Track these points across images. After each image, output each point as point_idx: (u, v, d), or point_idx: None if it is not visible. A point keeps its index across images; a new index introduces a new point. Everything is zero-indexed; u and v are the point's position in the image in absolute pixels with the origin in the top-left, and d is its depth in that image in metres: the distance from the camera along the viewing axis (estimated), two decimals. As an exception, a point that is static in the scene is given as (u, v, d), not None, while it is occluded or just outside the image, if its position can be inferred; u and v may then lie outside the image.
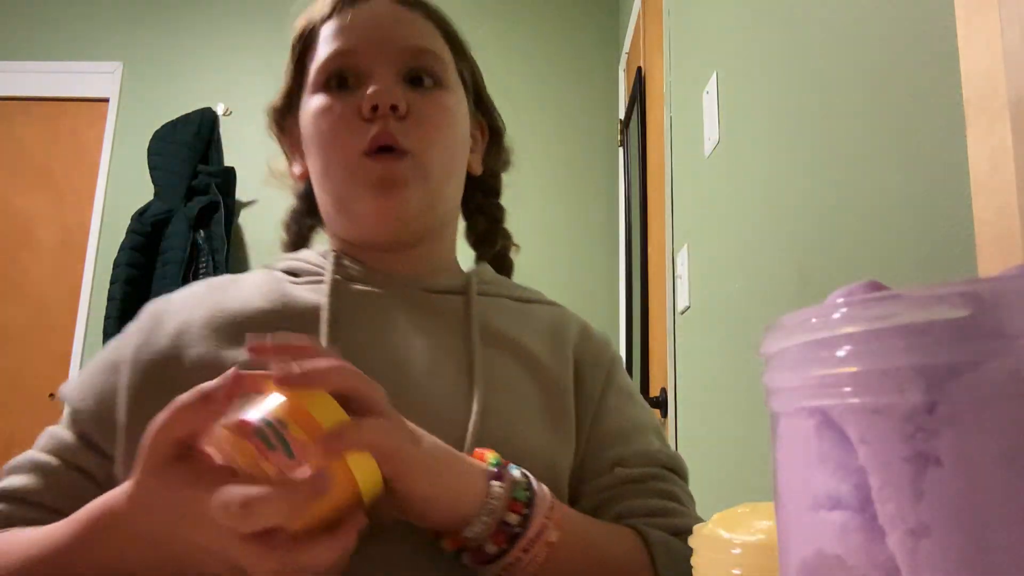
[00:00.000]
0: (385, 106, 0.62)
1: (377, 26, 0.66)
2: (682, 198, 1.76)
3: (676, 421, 1.77)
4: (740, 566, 0.44)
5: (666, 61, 1.98)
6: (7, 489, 0.58)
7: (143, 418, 0.46)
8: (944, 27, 0.62)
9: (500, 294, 0.70)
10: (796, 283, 0.98)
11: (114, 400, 0.59)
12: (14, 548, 0.51)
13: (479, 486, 0.49)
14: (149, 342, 0.61)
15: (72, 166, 3.44)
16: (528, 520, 0.49)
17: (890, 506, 0.26)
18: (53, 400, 3.22)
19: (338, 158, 0.63)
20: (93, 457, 0.59)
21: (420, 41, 0.66)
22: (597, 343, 0.71)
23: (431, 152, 0.64)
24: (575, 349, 0.68)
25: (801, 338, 0.30)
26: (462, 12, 0.68)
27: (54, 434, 0.61)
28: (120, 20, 3.52)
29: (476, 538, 0.49)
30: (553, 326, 0.69)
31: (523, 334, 0.66)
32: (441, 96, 0.66)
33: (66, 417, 0.62)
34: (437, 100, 0.66)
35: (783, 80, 1.05)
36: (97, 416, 0.59)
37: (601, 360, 0.69)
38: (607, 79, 3.38)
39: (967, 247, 0.58)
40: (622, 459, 0.63)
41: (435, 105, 0.65)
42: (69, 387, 0.62)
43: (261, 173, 0.82)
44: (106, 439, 0.58)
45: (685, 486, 0.67)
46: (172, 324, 0.61)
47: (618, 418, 0.66)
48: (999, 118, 0.52)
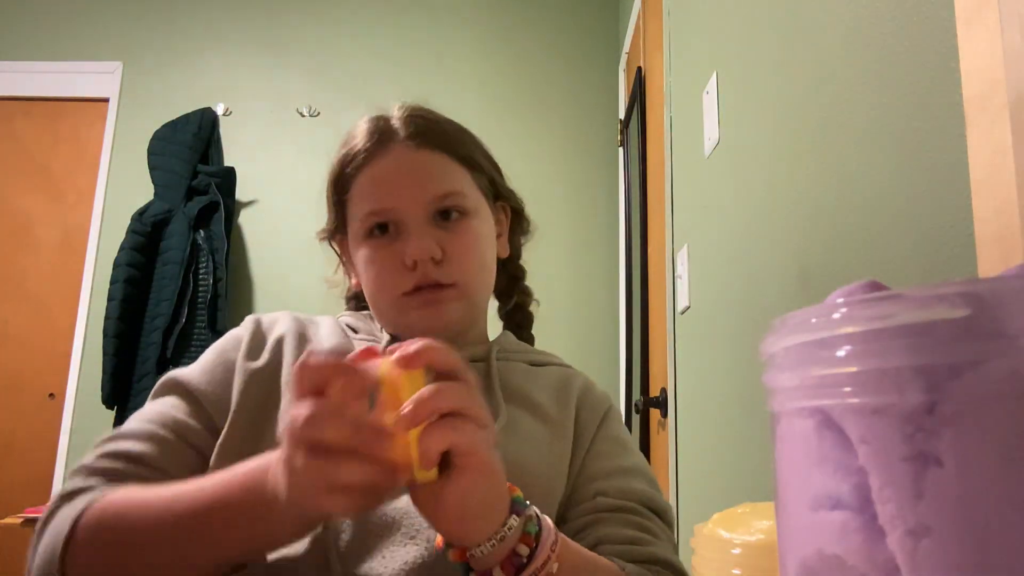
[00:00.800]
0: (424, 260, 0.72)
1: (405, 179, 0.75)
2: (682, 198, 1.76)
3: (676, 421, 1.77)
4: (740, 566, 0.44)
5: (666, 61, 1.98)
6: (125, 451, 0.66)
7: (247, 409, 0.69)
8: (944, 27, 0.62)
9: (517, 359, 0.82)
10: (796, 283, 0.98)
11: (230, 391, 0.71)
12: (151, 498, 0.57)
13: (502, 513, 0.52)
14: (253, 349, 0.75)
15: (72, 166, 3.44)
16: (535, 552, 0.53)
17: (890, 506, 0.26)
18: (53, 400, 3.23)
19: (386, 298, 0.75)
20: (207, 438, 0.69)
21: (443, 187, 0.76)
22: (596, 396, 0.82)
23: (468, 277, 0.75)
24: (577, 400, 0.80)
25: (801, 338, 0.30)
26: (463, 12, 0.68)
27: (163, 412, 0.70)
28: (120, 20, 3.52)
29: (481, 559, 0.52)
30: (560, 382, 0.81)
31: (533, 389, 0.78)
32: (469, 224, 0.77)
33: (177, 400, 0.71)
34: (466, 230, 0.76)
35: (783, 80, 1.05)
36: (218, 402, 0.70)
37: (597, 410, 0.80)
38: (607, 79, 3.38)
39: (967, 247, 0.58)
40: (604, 491, 0.72)
41: (465, 236, 0.76)
42: (188, 373, 0.73)
43: (261, 173, 0.88)
44: (221, 422, 0.69)
45: (664, 526, 0.73)
46: (272, 337, 0.76)
47: (605, 461, 0.76)
48: (999, 118, 0.52)
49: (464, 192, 0.77)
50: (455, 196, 0.76)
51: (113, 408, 2.96)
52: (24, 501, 2.97)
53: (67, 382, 3.22)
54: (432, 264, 0.73)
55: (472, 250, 0.76)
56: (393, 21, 3.46)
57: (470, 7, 3.50)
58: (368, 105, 0.82)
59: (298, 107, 3.38)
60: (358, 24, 3.47)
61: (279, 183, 3.29)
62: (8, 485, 3.12)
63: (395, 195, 0.75)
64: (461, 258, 0.74)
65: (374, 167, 0.76)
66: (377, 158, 0.77)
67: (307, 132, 3.35)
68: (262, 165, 3.30)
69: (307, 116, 3.38)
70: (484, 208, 0.80)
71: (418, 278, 0.73)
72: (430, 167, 0.76)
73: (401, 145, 0.77)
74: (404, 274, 0.73)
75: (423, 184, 0.75)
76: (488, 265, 0.79)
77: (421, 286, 0.73)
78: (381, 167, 0.76)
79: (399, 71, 3.38)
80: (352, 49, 3.44)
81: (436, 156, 0.77)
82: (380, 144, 0.77)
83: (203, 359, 0.75)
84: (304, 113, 3.38)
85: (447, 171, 0.77)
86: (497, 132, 3.37)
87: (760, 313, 1.13)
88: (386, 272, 0.74)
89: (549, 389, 0.79)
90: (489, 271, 0.80)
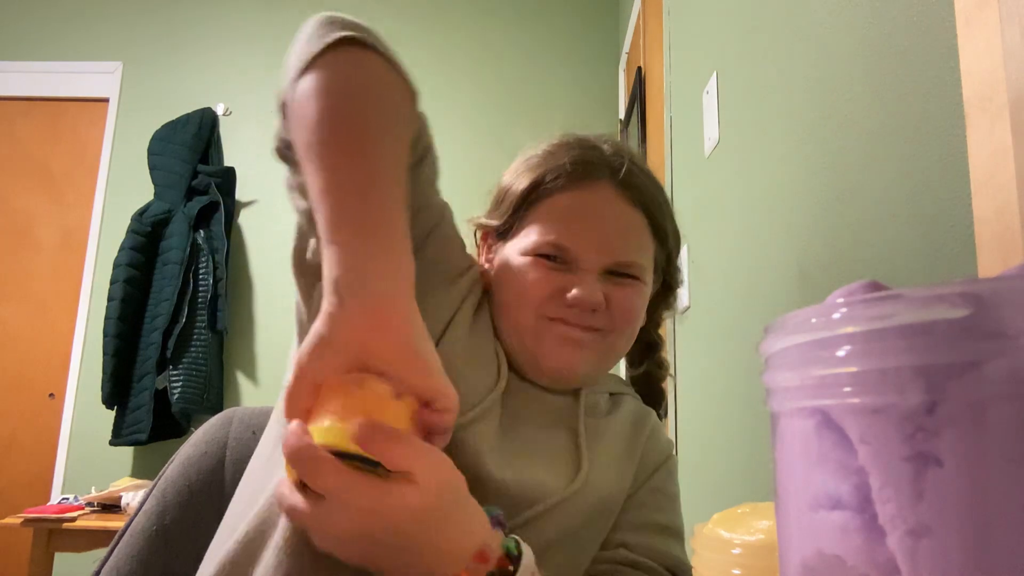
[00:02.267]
0: (587, 309, 0.70)
1: (601, 229, 0.72)
2: (682, 198, 1.76)
3: (676, 421, 1.77)
4: (740, 566, 0.44)
5: (666, 61, 1.98)
6: None
7: None
8: (944, 27, 0.62)
9: (601, 391, 0.79)
10: (796, 283, 0.98)
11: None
12: None
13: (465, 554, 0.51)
14: None
15: (72, 166, 3.44)
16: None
17: (890, 506, 0.26)
18: (53, 400, 3.22)
19: (530, 311, 0.71)
20: None
21: (631, 255, 0.72)
22: (660, 444, 0.80)
23: (616, 334, 0.72)
24: (645, 445, 0.78)
25: (801, 338, 0.30)
26: (463, 12, 0.68)
27: None
28: (120, 20, 3.52)
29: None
30: (634, 422, 0.79)
31: (611, 423, 0.76)
32: (638, 290, 0.73)
33: None
34: (633, 294, 0.73)
35: (783, 80, 1.05)
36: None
37: (656, 460, 0.78)
38: (607, 79, 3.38)
39: (967, 247, 0.58)
40: (628, 544, 0.70)
41: (631, 298, 0.73)
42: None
43: (261, 173, 0.84)
44: None
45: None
46: None
47: (643, 512, 0.74)
48: (999, 118, 0.52)
49: (644, 265, 0.74)
50: (636, 268, 0.73)
51: (113, 408, 2.96)
52: (24, 501, 2.97)
53: (67, 382, 3.22)
54: (589, 312, 0.70)
55: (631, 313, 0.73)
56: (393, 20, 3.46)
57: (470, 7, 3.50)
58: None
59: (298, 107, 3.38)
60: (358, 24, 3.47)
61: (279, 183, 3.28)
62: (8, 485, 3.12)
63: (585, 239, 0.71)
64: (618, 314, 0.71)
65: (575, 197, 0.72)
66: (581, 188, 0.73)
67: (307, 132, 3.35)
68: (262, 165, 3.30)
69: (307, 116, 3.38)
70: (650, 278, 0.77)
71: (571, 315, 0.70)
72: (629, 229, 0.73)
73: (608, 185, 0.73)
74: (561, 303, 0.70)
75: (615, 243, 0.72)
76: (634, 334, 0.76)
77: (570, 321, 0.70)
78: (583, 202, 0.72)
79: (399, 71, 3.37)
80: (352, 49, 3.44)
81: (637, 217, 0.73)
82: (588, 174, 0.73)
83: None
84: (304, 113, 3.38)
85: (641, 239, 0.74)
86: (497, 131, 3.37)
87: (760, 313, 1.13)
88: (544, 290, 0.70)
89: (625, 428, 0.77)
90: (632, 340, 0.76)
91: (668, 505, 0.76)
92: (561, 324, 0.70)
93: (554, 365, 0.70)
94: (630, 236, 0.73)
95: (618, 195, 0.73)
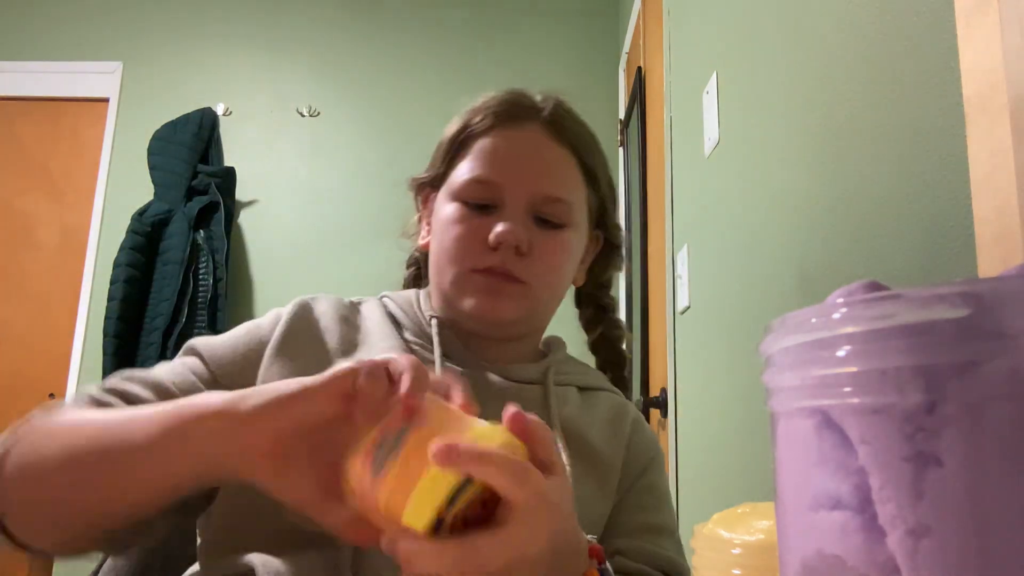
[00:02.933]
0: (509, 246, 0.69)
1: (522, 164, 0.71)
2: (682, 198, 1.76)
3: (676, 421, 1.77)
4: (740, 566, 0.44)
5: (666, 61, 1.98)
6: (122, 391, 0.63)
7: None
8: (944, 27, 0.62)
9: (570, 383, 0.77)
10: (796, 283, 0.98)
11: (256, 368, 0.67)
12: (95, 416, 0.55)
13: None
14: (289, 337, 0.69)
15: (72, 166, 3.44)
16: None
17: (890, 506, 0.26)
18: (53, 400, 3.22)
19: (455, 267, 0.71)
20: None
21: (556, 190, 0.71)
22: (645, 439, 0.78)
23: (541, 284, 0.71)
24: (628, 440, 0.76)
25: (801, 338, 0.30)
26: (463, 12, 0.68)
27: (176, 370, 0.67)
28: (120, 20, 3.51)
29: None
30: (613, 416, 0.77)
31: (587, 425, 0.73)
32: (563, 236, 0.72)
33: (196, 363, 0.68)
34: (559, 240, 0.72)
35: (783, 80, 1.05)
36: (241, 373, 0.66)
37: (644, 456, 0.76)
38: (607, 79, 3.38)
39: (967, 247, 0.58)
40: (624, 552, 0.69)
41: (556, 244, 0.72)
42: (211, 343, 0.69)
43: (261, 173, 0.85)
44: None
45: None
46: (316, 328, 0.71)
47: (636, 515, 0.72)
48: (999, 118, 0.52)
49: (571, 203, 0.73)
50: (562, 206, 0.72)
51: (113, 408, 2.96)
52: (24, 501, 2.97)
53: (67, 382, 3.22)
54: (514, 254, 0.69)
55: (556, 260, 0.72)
56: (392, 20, 3.46)
57: (470, 7, 3.50)
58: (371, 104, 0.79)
59: (298, 107, 3.38)
60: (358, 24, 3.47)
61: (279, 183, 3.29)
62: (8, 485, 3.11)
63: (509, 173, 0.70)
64: (543, 262, 0.70)
65: (501, 135, 0.72)
66: (508, 128, 0.73)
67: (307, 132, 3.35)
68: (262, 165, 3.30)
69: (307, 116, 3.38)
70: (583, 228, 0.76)
71: (495, 260, 0.69)
72: (556, 163, 0.72)
73: (537, 126, 0.73)
74: (483, 251, 0.69)
75: (541, 176, 0.71)
76: (563, 283, 0.75)
77: (494, 270, 0.69)
78: (508, 138, 0.72)
79: (399, 70, 3.38)
80: (352, 49, 3.44)
81: (565, 155, 0.73)
82: (516, 116, 0.73)
83: (233, 332, 0.71)
84: (304, 113, 3.38)
85: (568, 176, 0.73)
86: (497, 132, 3.36)
87: (760, 313, 1.13)
88: (466, 241, 0.70)
89: (601, 423, 0.75)
90: (561, 289, 0.76)
91: (660, 503, 0.75)
92: (482, 276, 0.69)
93: (480, 312, 0.69)
94: (556, 171, 0.72)
95: (546, 135, 0.73)
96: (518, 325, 0.73)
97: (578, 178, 0.74)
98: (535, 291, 0.71)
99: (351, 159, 3.31)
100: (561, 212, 0.72)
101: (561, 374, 0.77)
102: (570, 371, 0.79)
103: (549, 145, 0.73)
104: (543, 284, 0.71)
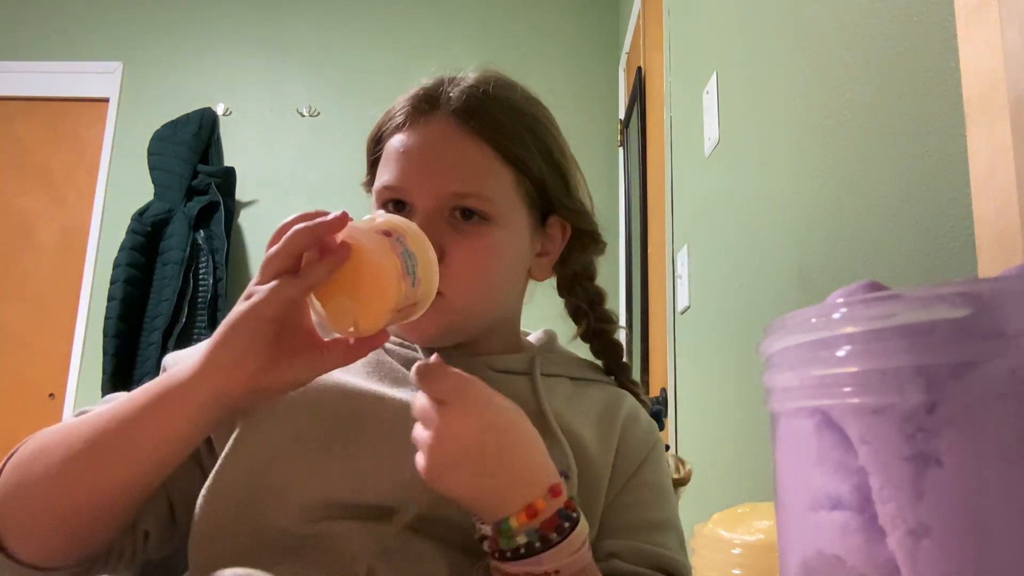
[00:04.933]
0: None
1: (426, 163, 0.66)
2: (682, 198, 1.76)
3: (676, 421, 1.77)
4: (740, 566, 0.44)
5: (666, 61, 1.98)
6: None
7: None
8: (944, 27, 0.62)
9: (559, 374, 0.73)
10: (796, 283, 0.98)
11: None
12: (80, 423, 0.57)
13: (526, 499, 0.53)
14: None
15: (72, 166, 3.44)
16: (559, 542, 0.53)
17: (890, 506, 0.26)
18: (53, 400, 3.22)
19: None
20: None
21: (463, 185, 0.66)
22: (642, 429, 0.73)
23: (462, 290, 0.65)
24: (621, 431, 0.71)
25: (801, 338, 0.30)
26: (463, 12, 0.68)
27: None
28: (120, 20, 3.51)
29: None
30: (605, 407, 0.72)
31: (576, 417, 0.69)
32: (486, 232, 0.66)
33: None
34: (480, 237, 0.66)
35: (783, 80, 1.05)
36: None
37: (641, 448, 0.72)
38: (607, 79, 3.38)
39: (967, 247, 0.58)
40: (619, 554, 0.65)
41: (476, 243, 0.66)
42: (180, 357, 0.68)
43: (261, 173, 0.84)
44: None
45: None
46: None
47: (633, 512, 0.68)
48: (999, 118, 0.52)
49: (489, 196, 0.66)
50: (474, 199, 0.65)
51: (113, 408, 2.95)
52: (24, 501, 2.97)
53: (67, 382, 3.22)
54: None
55: (479, 261, 0.66)
56: (393, 21, 3.46)
57: (470, 7, 3.50)
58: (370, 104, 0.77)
59: (298, 107, 3.38)
60: (358, 24, 3.47)
61: (279, 183, 3.29)
62: (8, 485, 3.11)
63: (410, 177, 0.66)
64: (461, 267, 0.64)
65: (408, 133, 0.68)
66: (415, 124, 0.68)
67: (307, 132, 3.35)
68: (262, 165, 3.30)
69: (307, 116, 3.38)
70: (516, 219, 0.69)
71: None
72: (459, 157, 0.67)
73: (442, 118, 0.68)
74: None
75: (441, 174, 0.66)
76: (497, 283, 0.69)
77: None
78: (411, 138, 0.67)
79: (399, 70, 3.37)
80: (352, 49, 3.44)
81: (474, 144, 0.67)
82: (421, 111, 0.68)
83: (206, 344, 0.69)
84: (304, 113, 3.38)
85: (478, 167, 0.67)
86: (497, 132, 3.36)
87: (760, 313, 1.13)
88: None
89: (592, 415, 0.71)
90: (498, 290, 0.70)
91: (658, 498, 0.71)
92: None
93: (397, 329, 0.67)
94: (467, 166, 0.66)
95: (455, 127, 0.67)
96: (460, 333, 0.69)
97: (495, 166, 0.68)
98: (453, 302, 0.64)
99: (351, 159, 3.30)
100: (477, 206, 0.66)
101: (550, 364, 0.73)
102: (559, 361, 0.75)
103: (454, 137, 0.67)
104: (463, 292, 0.65)
